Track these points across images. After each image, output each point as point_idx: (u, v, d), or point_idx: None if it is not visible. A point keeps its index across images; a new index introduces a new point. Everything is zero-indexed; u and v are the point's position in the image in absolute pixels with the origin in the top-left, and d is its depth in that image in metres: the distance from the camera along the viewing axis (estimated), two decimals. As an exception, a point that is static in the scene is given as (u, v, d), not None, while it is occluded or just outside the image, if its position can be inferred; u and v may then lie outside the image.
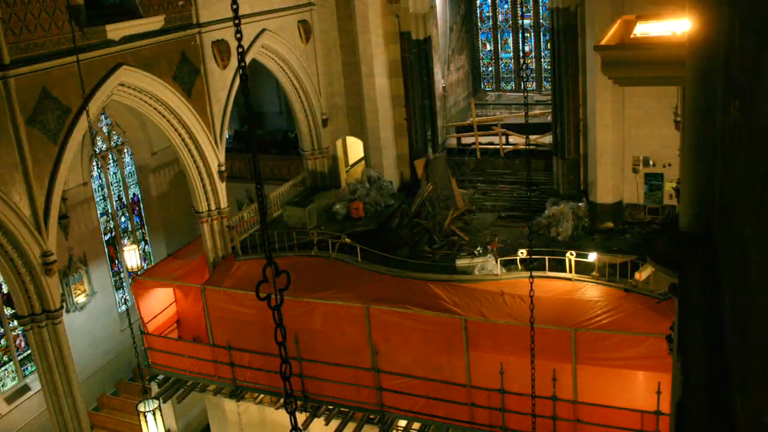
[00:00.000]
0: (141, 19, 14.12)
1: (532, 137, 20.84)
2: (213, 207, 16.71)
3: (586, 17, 16.78)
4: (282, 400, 14.19)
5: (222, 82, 16.65)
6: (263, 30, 18.19)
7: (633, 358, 11.28)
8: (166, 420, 11.64)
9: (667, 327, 5.74)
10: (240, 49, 3.14)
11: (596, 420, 11.52)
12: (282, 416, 14.72)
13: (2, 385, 17.76)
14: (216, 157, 16.48)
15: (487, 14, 25.83)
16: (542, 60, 24.99)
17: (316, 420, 14.18)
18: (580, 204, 17.65)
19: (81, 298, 19.33)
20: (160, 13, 14.59)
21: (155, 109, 15.18)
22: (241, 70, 3.21)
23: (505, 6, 25.48)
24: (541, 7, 24.61)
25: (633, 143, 17.14)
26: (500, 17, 25.64)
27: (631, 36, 7.87)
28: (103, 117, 20.30)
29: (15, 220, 12.04)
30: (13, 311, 15.19)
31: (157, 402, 10.38)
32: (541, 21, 24.62)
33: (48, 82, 12.40)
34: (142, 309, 15.71)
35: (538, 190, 19.76)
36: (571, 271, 13.72)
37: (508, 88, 26.28)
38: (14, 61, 11.81)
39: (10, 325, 17.94)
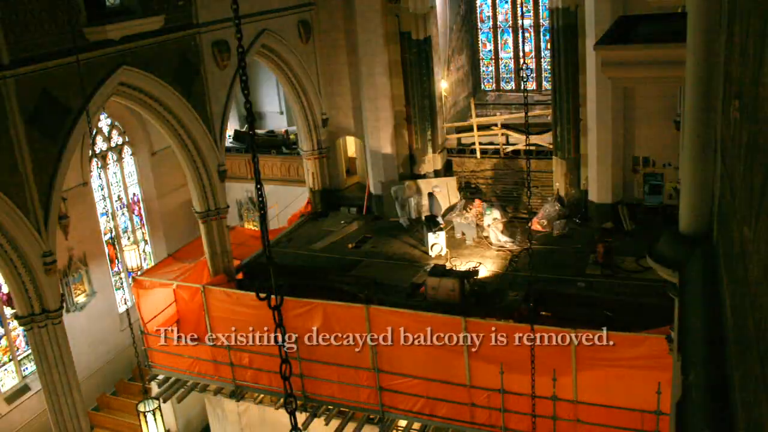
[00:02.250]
0: (141, 19, 14.11)
1: (532, 137, 20.81)
2: (213, 207, 16.69)
3: (586, 17, 16.77)
4: (282, 400, 14.19)
5: (221, 82, 16.64)
6: (263, 30, 18.18)
7: (633, 358, 11.27)
8: (166, 420, 11.62)
9: (667, 327, 5.75)
10: (240, 49, 3.15)
11: (596, 420, 11.51)
12: (282, 416, 14.70)
13: (2, 385, 17.74)
14: (216, 157, 16.46)
15: (487, 14, 25.78)
16: (542, 60, 24.96)
17: (316, 420, 14.18)
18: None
19: (81, 298, 19.32)
20: (160, 13, 14.59)
21: (155, 109, 15.18)
22: (241, 70, 3.21)
23: (505, 6, 25.45)
24: (541, 7, 24.57)
25: (633, 143, 17.14)
26: (500, 17, 25.60)
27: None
28: (103, 117, 20.30)
29: (15, 220, 12.04)
30: (13, 311, 15.18)
31: (157, 402, 10.38)
32: (541, 21, 24.58)
33: (48, 82, 12.39)
34: (142, 309, 15.70)
35: (539, 190, 19.73)
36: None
37: (508, 88, 26.24)
38: (14, 61, 11.81)
39: (10, 325, 17.94)
